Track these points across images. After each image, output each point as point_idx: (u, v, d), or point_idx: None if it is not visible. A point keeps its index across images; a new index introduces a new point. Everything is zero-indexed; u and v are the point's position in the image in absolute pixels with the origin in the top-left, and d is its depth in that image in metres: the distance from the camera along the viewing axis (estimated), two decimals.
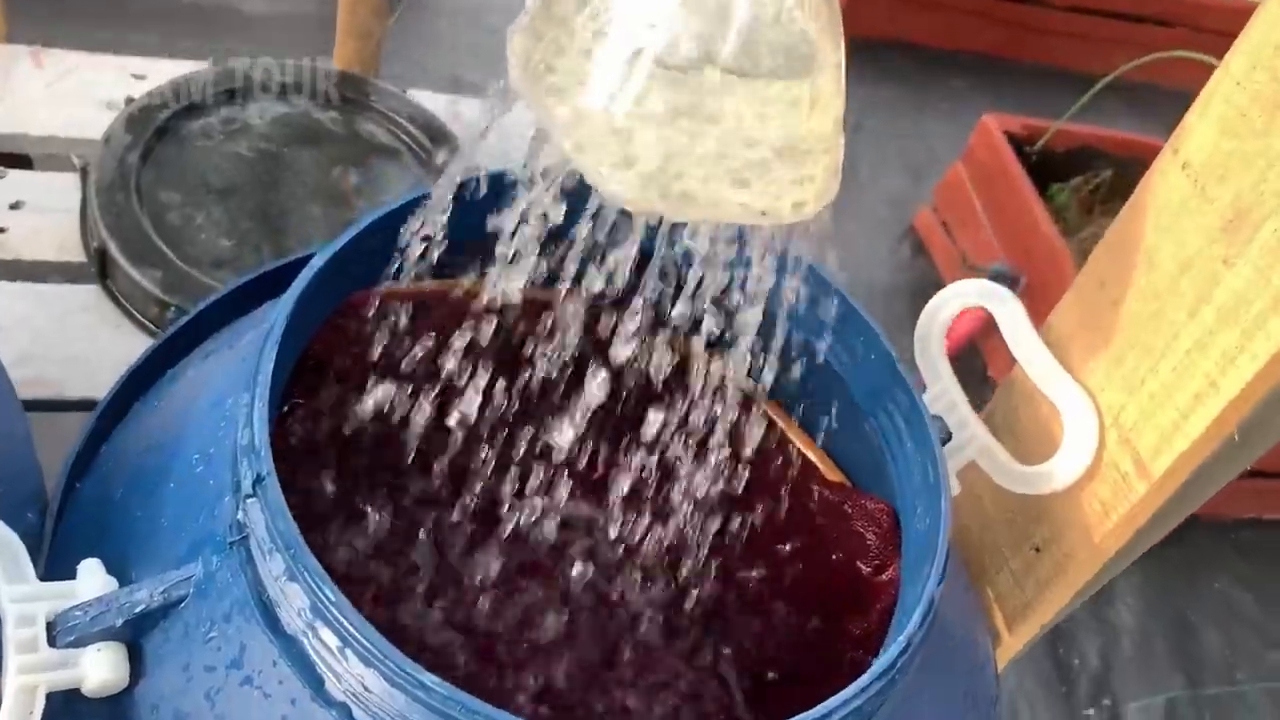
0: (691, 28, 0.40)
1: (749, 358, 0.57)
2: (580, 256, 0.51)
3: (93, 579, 0.49)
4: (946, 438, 0.64)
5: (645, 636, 0.67)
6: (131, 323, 0.87)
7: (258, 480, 0.45)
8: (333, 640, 0.42)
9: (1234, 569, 1.61)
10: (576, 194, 0.47)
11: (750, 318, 0.55)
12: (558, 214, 0.49)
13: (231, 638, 0.46)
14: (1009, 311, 0.64)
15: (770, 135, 0.42)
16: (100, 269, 0.88)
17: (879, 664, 0.45)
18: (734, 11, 0.41)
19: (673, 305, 0.56)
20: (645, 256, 0.54)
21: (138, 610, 0.47)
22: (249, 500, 0.45)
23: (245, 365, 0.51)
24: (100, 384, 0.64)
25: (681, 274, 0.55)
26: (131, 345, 0.86)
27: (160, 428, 0.56)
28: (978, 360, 1.62)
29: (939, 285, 0.65)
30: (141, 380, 0.64)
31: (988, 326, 1.61)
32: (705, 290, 0.53)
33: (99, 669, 0.47)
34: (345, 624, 0.41)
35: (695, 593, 0.69)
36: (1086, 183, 1.75)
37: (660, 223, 0.50)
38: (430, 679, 0.41)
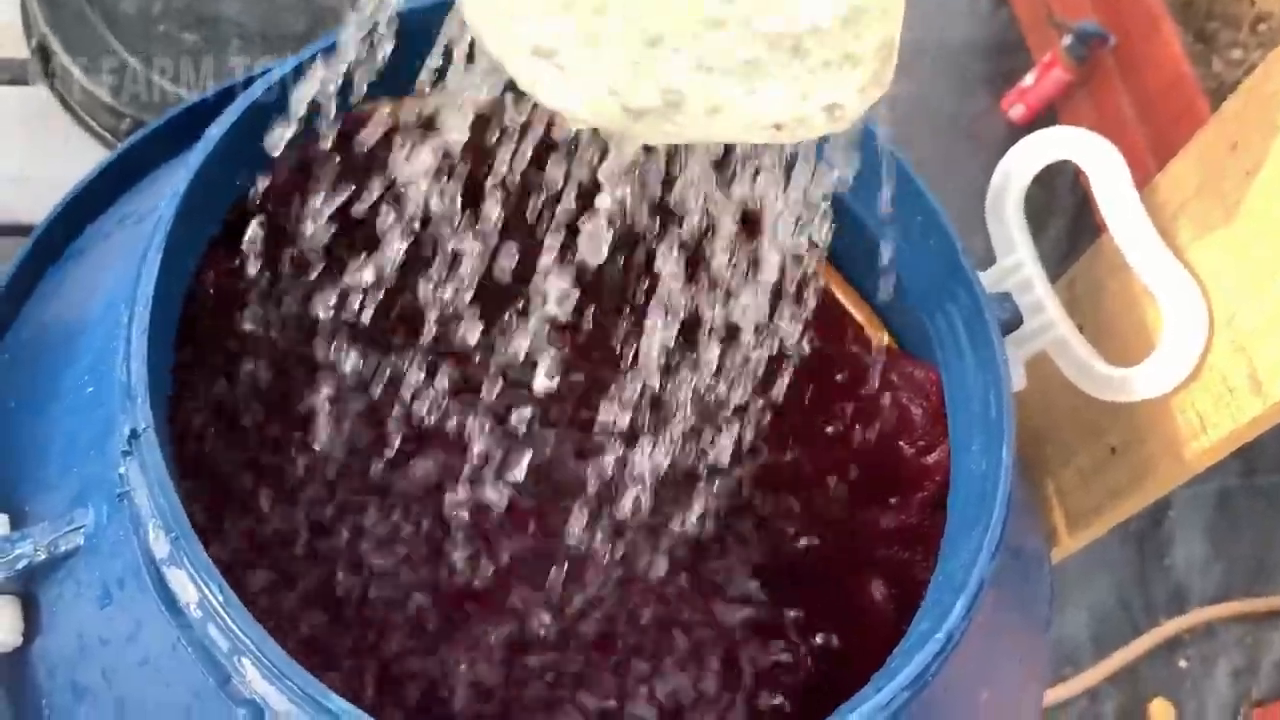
0: None
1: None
2: None
3: None
4: (1016, 322, 0.53)
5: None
6: (84, 130, 0.76)
7: (133, 436, 0.36)
8: (224, 645, 0.34)
9: None
10: None
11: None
12: None
13: (126, 608, 0.38)
14: (1106, 169, 0.52)
15: None
16: (45, 68, 0.76)
17: (910, 669, 0.37)
18: None
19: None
20: None
21: (20, 566, 0.39)
22: (126, 457, 0.36)
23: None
24: (46, 205, 0.55)
25: None
26: (84, 157, 0.75)
27: (55, 322, 0.46)
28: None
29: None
30: (64, 231, 0.54)
31: (1074, 87, 1.40)
32: None
33: None
34: (237, 631, 0.33)
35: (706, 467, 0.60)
36: None
37: None
38: (338, 704, 0.33)
